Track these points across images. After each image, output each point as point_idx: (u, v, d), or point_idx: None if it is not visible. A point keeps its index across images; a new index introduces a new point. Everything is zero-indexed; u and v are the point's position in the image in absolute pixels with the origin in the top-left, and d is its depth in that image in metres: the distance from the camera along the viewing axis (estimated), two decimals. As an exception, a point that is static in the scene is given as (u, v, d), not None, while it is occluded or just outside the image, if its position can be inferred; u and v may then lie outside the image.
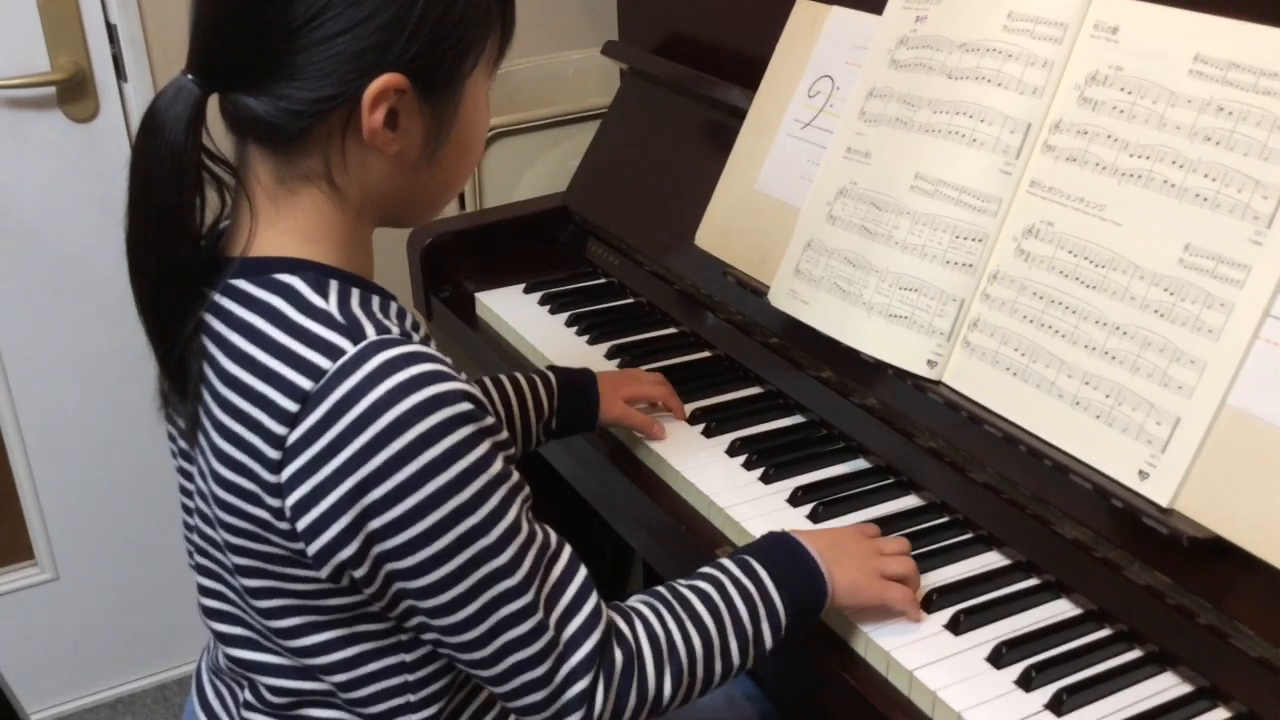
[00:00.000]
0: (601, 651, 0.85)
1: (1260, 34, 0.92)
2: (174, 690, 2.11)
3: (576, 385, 1.26)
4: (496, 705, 0.95)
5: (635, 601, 0.92)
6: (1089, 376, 0.99)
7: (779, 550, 0.97)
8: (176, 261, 0.82)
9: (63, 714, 2.06)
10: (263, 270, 0.83)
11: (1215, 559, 0.91)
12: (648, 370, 1.38)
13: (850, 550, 0.99)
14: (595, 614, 0.86)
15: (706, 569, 0.95)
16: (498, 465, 0.81)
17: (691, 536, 1.15)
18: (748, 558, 0.96)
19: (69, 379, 1.87)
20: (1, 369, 1.82)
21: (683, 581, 0.94)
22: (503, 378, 1.23)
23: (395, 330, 0.81)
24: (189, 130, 0.79)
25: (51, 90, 1.71)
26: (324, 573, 0.81)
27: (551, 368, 1.29)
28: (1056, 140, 1.05)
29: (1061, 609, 1.01)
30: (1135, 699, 0.92)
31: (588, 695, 0.85)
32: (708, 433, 1.27)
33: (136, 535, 2.00)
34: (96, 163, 1.77)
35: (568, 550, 0.87)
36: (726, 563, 0.96)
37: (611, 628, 0.87)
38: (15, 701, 1.05)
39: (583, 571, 0.87)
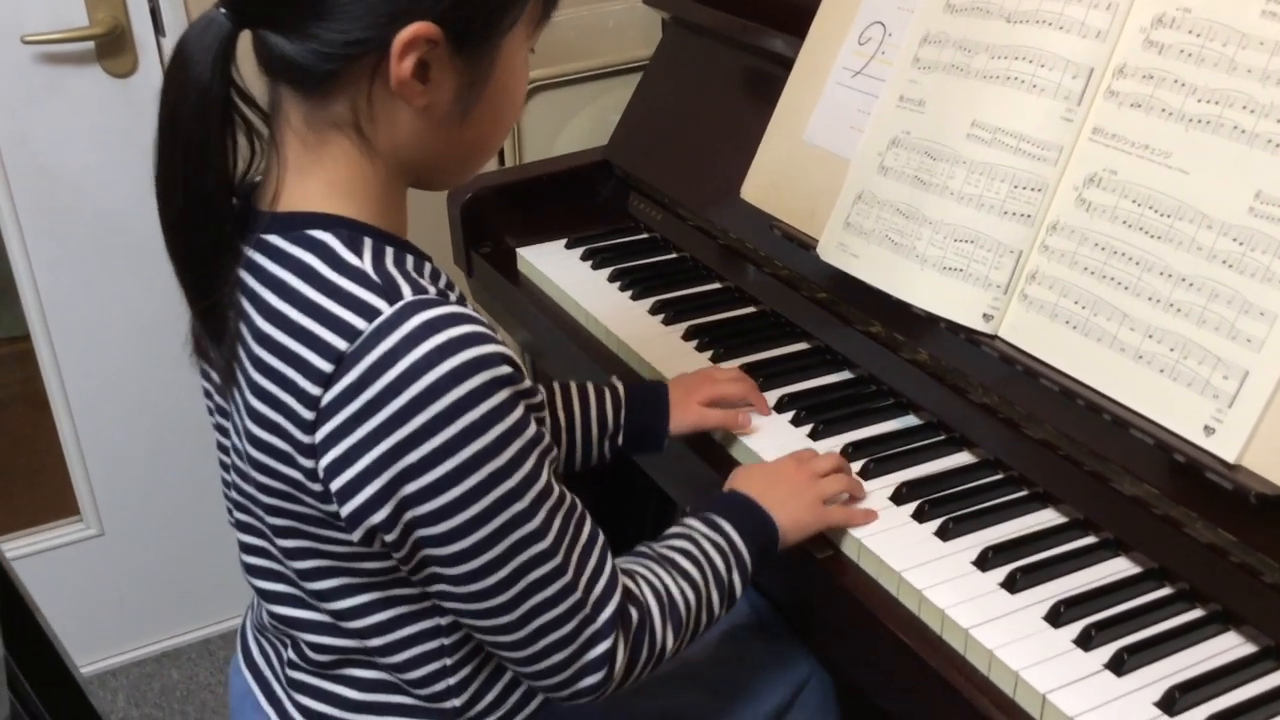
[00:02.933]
0: (622, 613, 0.86)
1: (1340, -30, 0.89)
2: (218, 644, 2.13)
3: (647, 399, 1.20)
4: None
5: (628, 563, 0.93)
6: (1153, 329, 0.96)
7: (731, 505, 1.01)
8: (203, 200, 0.80)
9: (108, 667, 2.08)
10: (295, 225, 0.81)
11: (1283, 516, 0.88)
12: (692, 326, 1.36)
13: (788, 486, 1.03)
14: (615, 575, 0.87)
15: (676, 529, 0.98)
16: (532, 429, 0.80)
17: (739, 493, 1.13)
18: (711, 515, 0.99)
19: (111, 336, 1.87)
20: (45, 326, 1.83)
21: (659, 543, 0.96)
22: (571, 385, 1.18)
23: (431, 290, 0.79)
24: (216, 64, 0.78)
25: (90, 45, 1.70)
26: (356, 535, 0.80)
27: (623, 381, 1.22)
28: (1120, 85, 1.02)
29: (1120, 567, 0.99)
30: (1197, 659, 0.90)
31: (609, 655, 0.85)
32: (755, 388, 1.25)
33: (180, 491, 2.01)
34: (135, 118, 1.76)
35: (586, 511, 0.86)
36: (693, 521, 0.98)
37: (624, 588, 0.88)
38: (67, 657, 1.06)
39: (601, 533, 0.87)
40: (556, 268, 1.54)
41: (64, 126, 1.73)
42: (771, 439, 1.17)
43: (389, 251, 0.81)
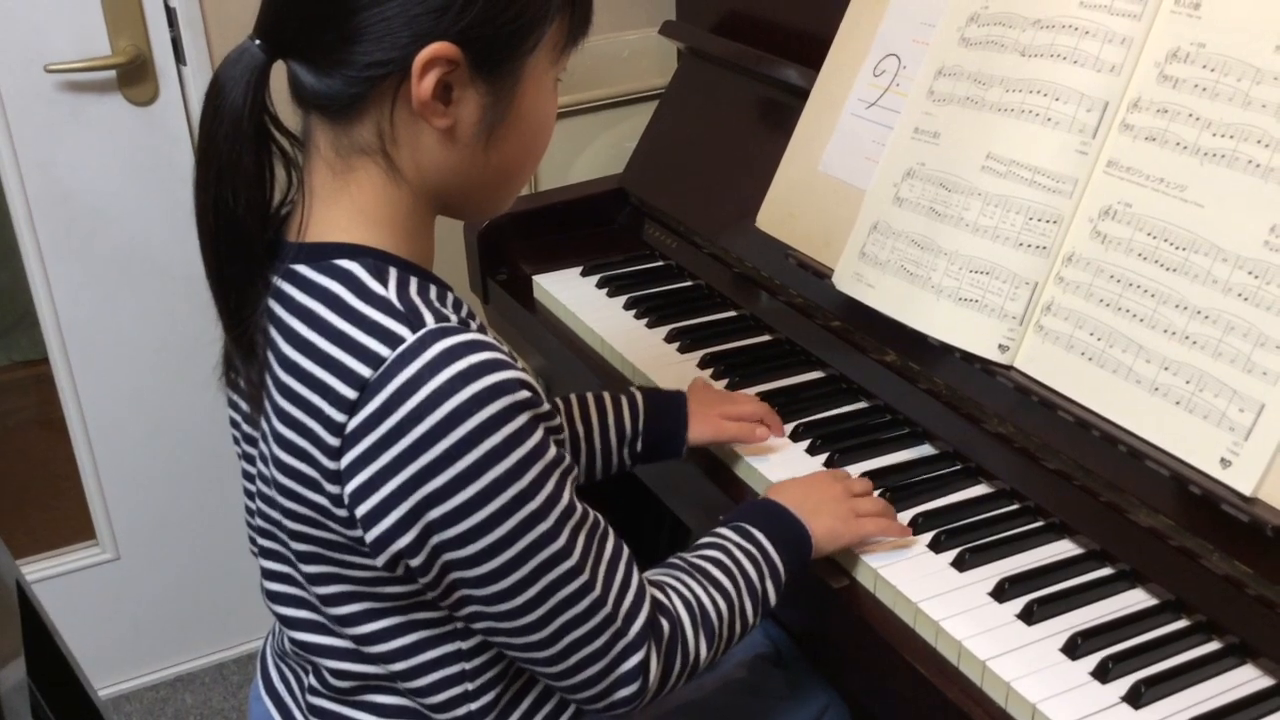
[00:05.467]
0: (652, 624, 0.87)
1: (1354, 8, 0.89)
2: (232, 669, 2.13)
3: (665, 405, 1.20)
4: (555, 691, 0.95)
5: (658, 575, 0.94)
6: (1168, 362, 0.96)
7: (765, 513, 1.01)
8: (235, 224, 0.82)
9: (123, 691, 2.09)
10: (323, 255, 0.83)
11: (1300, 549, 0.88)
12: (707, 354, 1.37)
13: (823, 497, 1.04)
14: (643, 587, 0.88)
15: (708, 539, 0.99)
16: (552, 450, 0.81)
17: (755, 522, 1.13)
18: (743, 524, 1.00)
19: (130, 361, 1.89)
20: (64, 351, 1.84)
21: (691, 553, 0.97)
22: (588, 396, 1.19)
23: (453, 319, 0.80)
24: (249, 92, 0.80)
25: (112, 74, 1.72)
26: (380, 561, 0.81)
27: (640, 388, 1.23)
28: (1135, 119, 1.03)
29: (1137, 599, 0.99)
30: (1215, 691, 0.90)
31: (643, 667, 0.86)
32: (771, 417, 1.25)
33: (196, 517, 2.02)
34: (156, 146, 1.78)
35: (609, 527, 0.88)
36: (725, 530, 0.99)
37: (654, 600, 0.89)
38: (87, 683, 1.06)
39: (625, 547, 0.88)
40: (572, 295, 1.55)
41: (85, 153, 1.75)
42: (787, 468, 1.17)
43: (413, 281, 0.83)
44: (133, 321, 1.87)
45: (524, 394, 0.79)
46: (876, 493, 1.12)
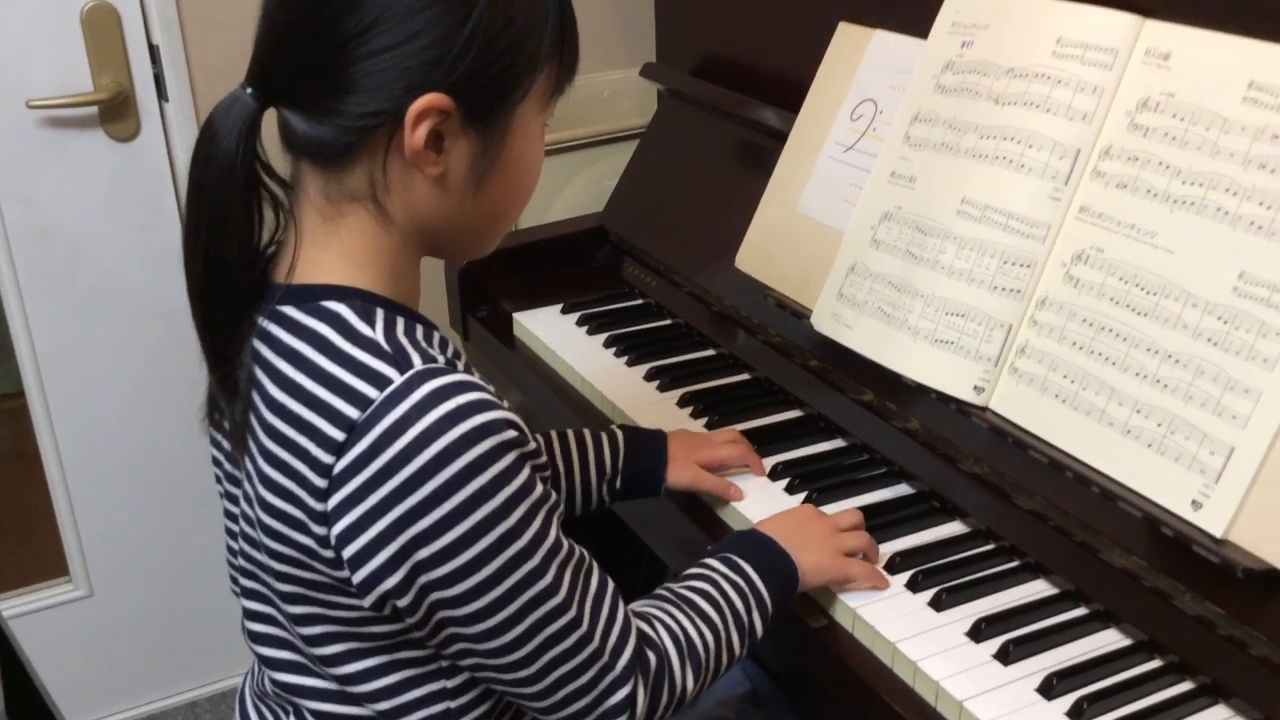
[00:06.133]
0: (639, 657, 0.88)
1: (1317, 62, 0.92)
2: (205, 708, 2.11)
3: (645, 444, 1.22)
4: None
5: (644, 606, 0.95)
6: (1140, 404, 0.98)
7: (753, 545, 1.02)
8: (223, 269, 0.83)
9: (95, 729, 2.07)
10: (310, 297, 0.84)
11: (1269, 590, 0.89)
12: (687, 392, 1.38)
13: (811, 533, 1.05)
14: (629, 621, 0.88)
15: (695, 570, 1.00)
16: (539, 488, 0.82)
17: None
18: (731, 555, 1.01)
19: (106, 396, 1.88)
20: (40, 385, 1.84)
21: (678, 584, 0.98)
22: (569, 433, 1.20)
23: (440, 359, 0.81)
24: (240, 140, 0.81)
25: (94, 110, 1.73)
26: (368, 601, 0.81)
27: (621, 426, 1.25)
28: (1106, 166, 1.05)
29: (1111, 639, 1.00)
30: (1188, 732, 0.91)
31: (630, 700, 0.87)
32: (749, 456, 1.26)
33: (170, 554, 2.01)
34: (137, 182, 1.79)
35: (594, 562, 0.88)
36: (713, 562, 1.00)
37: (640, 633, 0.89)
38: (62, 719, 1.05)
39: (611, 582, 0.89)
40: (552, 332, 1.56)
41: (66, 188, 1.75)
42: (766, 507, 1.18)
43: (400, 321, 0.83)
44: (109, 356, 1.86)
45: (511, 433, 0.80)
46: (854, 532, 1.13)
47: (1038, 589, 1.06)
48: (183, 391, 2.06)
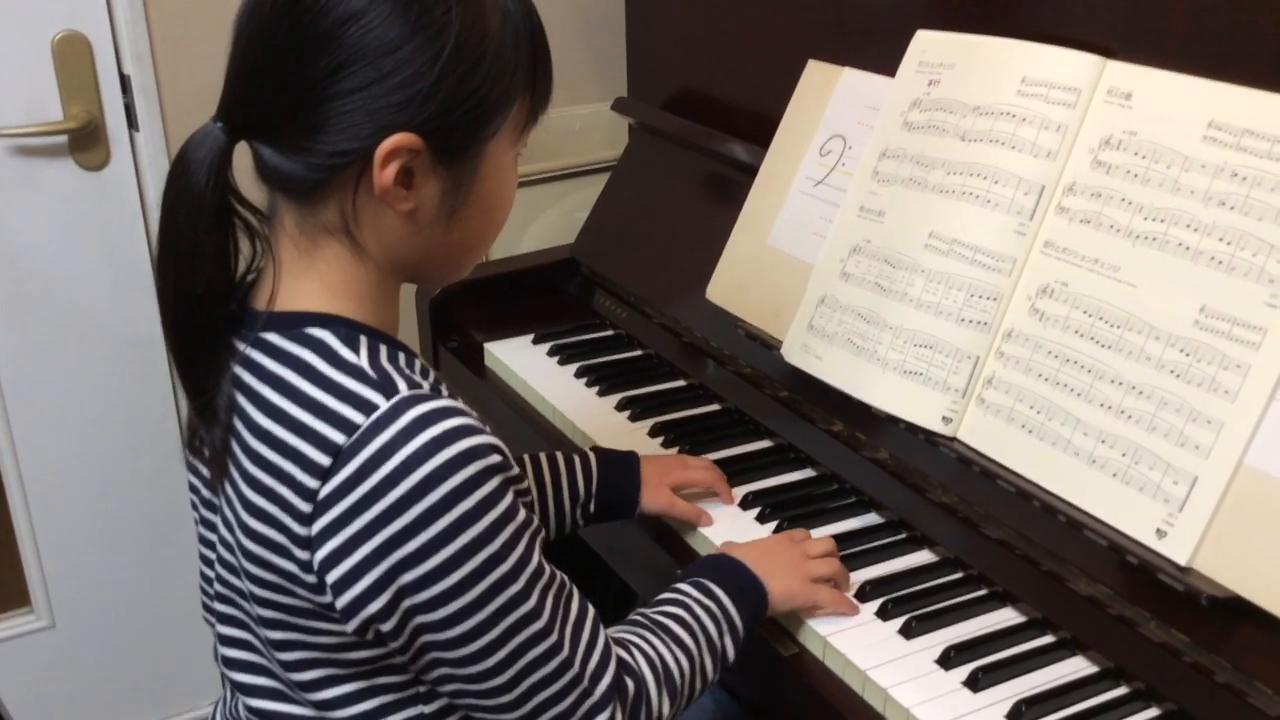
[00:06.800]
0: (618, 683, 0.89)
1: (1274, 102, 0.95)
2: (168, 740, 2.09)
3: (619, 467, 1.23)
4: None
5: (622, 632, 0.96)
6: (1105, 435, 1.00)
7: (724, 570, 1.04)
8: (192, 302, 0.83)
9: (55, 763, 2.03)
10: (294, 324, 0.84)
11: (1233, 617, 0.91)
12: (658, 422, 1.39)
13: (781, 559, 1.07)
14: (608, 647, 0.89)
15: (668, 595, 1.01)
16: (522, 513, 0.83)
17: (706, 590, 1.15)
18: (703, 580, 1.02)
19: (71, 426, 1.86)
20: (4, 415, 1.82)
21: (653, 609, 0.99)
22: (541, 456, 1.20)
23: (424, 385, 0.82)
24: (211, 174, 0.81)
25: (64, 139, 1.72)
26: (351, 626, 0.81)
27: (595, 449, 1.25)
28: (1070, 202, 1.07)
29: (1078, 666, 1.02)
30: (1154, 758, 0.93)
31: None
32: (720, 486, 1.27)
33: (134, 584, 1.98)
34: (106, 212, 1.78)
35: (574, 587, 0.89)
36: (685, 587, 1.01)
37: (618, 659, 0.90)
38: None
39: (591, 607, 0.90)
40: (523, 363, 1.57)
41: (34, 217, 1.74)
42: (736, 535, 1.19)
43: (383, 348, 0.84)
44: (75, 385, 1.84)
45: (495, 458, 0.80)
46: (825, 561, 1.14)
47: (1006, 617, 1.08)
48: (148, 421, 2.06)
